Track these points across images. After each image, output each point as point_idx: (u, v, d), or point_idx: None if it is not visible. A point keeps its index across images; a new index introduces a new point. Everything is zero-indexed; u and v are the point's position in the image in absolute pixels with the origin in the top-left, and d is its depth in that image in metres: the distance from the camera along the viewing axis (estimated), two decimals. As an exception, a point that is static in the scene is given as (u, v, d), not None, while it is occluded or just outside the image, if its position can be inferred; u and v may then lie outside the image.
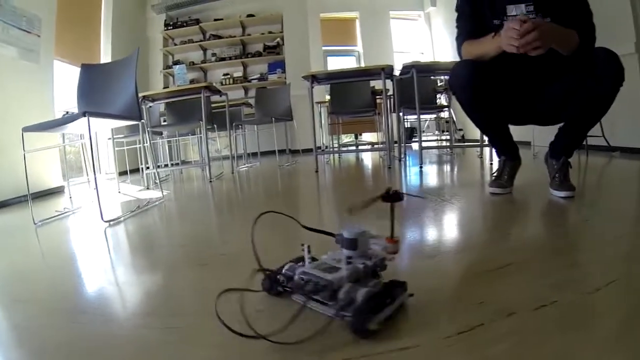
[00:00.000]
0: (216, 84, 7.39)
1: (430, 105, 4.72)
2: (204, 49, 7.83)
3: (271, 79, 7.57)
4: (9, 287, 1.22)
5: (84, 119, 2.07)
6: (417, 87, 3.57)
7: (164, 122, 4.93)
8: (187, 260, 1.35)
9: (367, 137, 8.11)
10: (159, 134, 5.00)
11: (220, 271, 1.19)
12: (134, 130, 4.27)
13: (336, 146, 6.30)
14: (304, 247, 0.86)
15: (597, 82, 1.60)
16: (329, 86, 5.19)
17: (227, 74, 7.66)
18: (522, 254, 1.11)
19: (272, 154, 5.95)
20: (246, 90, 7.74)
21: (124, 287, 1.12)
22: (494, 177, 2.08)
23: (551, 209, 1.74)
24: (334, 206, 2.23)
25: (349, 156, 5.79)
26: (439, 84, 5.24)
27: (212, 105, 4.79)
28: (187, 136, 5.72)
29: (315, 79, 3.76)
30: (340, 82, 4.39)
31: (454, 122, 5.86)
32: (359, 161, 5.00)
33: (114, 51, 6.25)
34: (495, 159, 2.15)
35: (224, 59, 7.64)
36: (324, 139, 6.66)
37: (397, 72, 4.04)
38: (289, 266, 0.86)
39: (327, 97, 6.03)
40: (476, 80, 1.81)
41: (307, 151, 6.23)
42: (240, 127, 5.72)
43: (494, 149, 2.16)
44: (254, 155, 6.01)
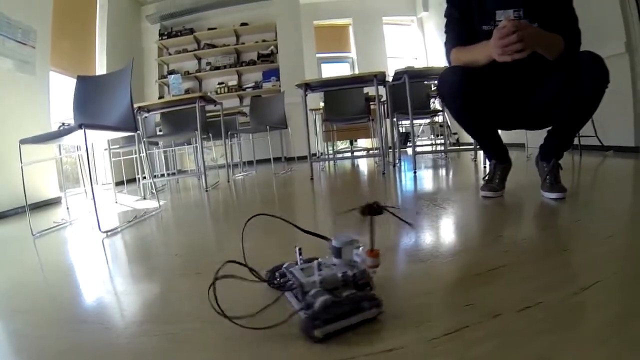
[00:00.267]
0: (211, 93, 7.44)
1: (423, 110, 4.76)
2: (199, 58, 7.88)
3: (266, 87, 7.61)
4: (8, 298, 1.23)
5: (81, 131, 2.10)
6: (411, 92, 3.61)
7: (160, 131, 4.95)
8: (184, 269, 1.37)
9: (362, 143, 8.15)
10: (155, 144, 5.02)
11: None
12: (130, 140, 4.29)
13: (331, 152, 6.33)
14: (296, 249, 0.90)
15: (583, 86, 1.64)
16: (323, 93, 5.23)
17: (222, 83, 7.70)
18: (512, 256, 1.13)
19: (268, 162, 5.97)
20: (241, 98, 7.78)
21: (122, 297, 1.13)
22: (485, 180, 2.10)
23: (543, 210, 1.76)
24: (328, 213, 2.25)
25: (345, 162, 5.82)
26: (433, 89, 5.28)
27: (207, 114, 4.82)
28: (183, 146, 5.74)
29: (308, 87, 3.79)
30: (333, 89, 4.42)
31: (448, 126, 5.90)
32: (354, 167, 5.03)
33: (109, 61, 6.30)
34: (488, 162, 2.19)
35: (218, 68, 7.69)
36: (319, 146, 6.70)
37: (390, 78, 4.08)
38: (288, 264, 0.91)
39: (321, 104, 6.07)
40: (465, 87, 1.83)
41: (302, 158, 6.26)
42: (235, 135, 5.74)
43: (484, 153, 2.18)
44: (250, 163, 6.04)
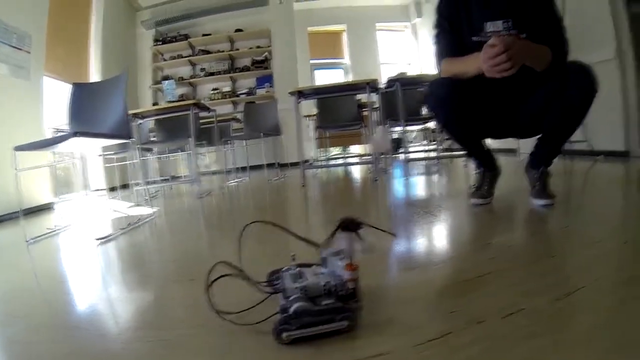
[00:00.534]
0: (205, 99, 7.46)
1: (416, 116, 4.80)
2: (193, 64, 7.90)
3: (259, 93, 7.63)
4: (3, 304, 1.24)
5: (75, 138, 2.12)
6: (403, 99, 3.66)
7: (154, 137, 4.96)
8: (177, 275, 1.38)
9: (355, 149, 8.18)
10: (149, 150, 5.02)
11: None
12: (124, 146, 4.28)
13: (324, 158, 6.36)
14: (291, 256, 0.93)
15: (572, 95, 1.66)
16: (316, 100, 5.26)
17: (216, 89, 7.72)
18: (499, 263, 1.14)
19: (262, 167, 5.99)
20: (235, 104, 7.79)
21: (116, 303, 1.15)
22: (474, 188, 2.12)
23: (531, 217, 1.79)
24: (319, 221, 2.29)
25: (337, 169, 5.85)
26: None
27: (201, 120, 4.83)
28: (177, 152, 5.75)
29: (301, 94, 3.81)
30: (326, 97, 4.46)
31: (441, 131, 5.94)
32: (346, 174, 5.06)
33: (103, 67, 6.30)
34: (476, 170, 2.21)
35: (212, 74, 7.71)
36: (313, 152, 6.72)
37: (384, 84, 4.12)
38: (286, 268, 0.93)
39: (315, 111, 6.11)
40: (451, 99, 1.86)
41: (296, 164, 6.27)
42: (229, 142, 5.76)
43: (473, 161, 2.20)
44: (243, 169, 6.05)
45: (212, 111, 4.40)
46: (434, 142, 6.02)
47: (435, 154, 5.44)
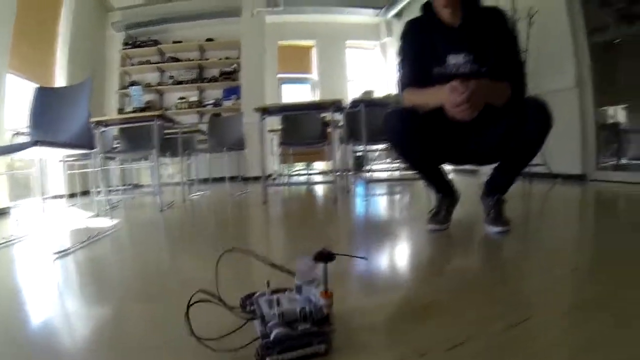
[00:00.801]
0: (171, 108, 7.45)
1: (379, 136, 4.91)
2: (162, 71, 7.87)
3: (226, 105, 7.66)
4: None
5: (36, 148, 2.11)
6: (367, 119, 3.79)
7: (118, 144, 4.91)
8: (137, 293, 1.39)
9: (319, 165, 8.26)
10: (112, 158, 4.98)
11: (169, 303, 1.22)
12: (87, 153, 4.25)
13: (287, 174, 6.43)
14: (266, 282, 0.96)
15: (529, 130, 1.74)
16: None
17: (183, 98, 7.70)
18: (452, 290, 1.18)
19: (225, 180, 6.02)
20: (201, 115, 7.78)
21: (73, 320, 1.14)
22: (432, 213, 2.13)
23: (487, 243, 1.85)
24: (280, 241, 2.35)
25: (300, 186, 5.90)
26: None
27: (166, 131, 4.83)
28: (140, 161, 5.70)
29: (266, 111, 3.87)
30: (291, 114, 4.55)
31: (397, 160, 6.09)
32: (308, 191, 5.14)
33: (70, 66, 6.20)
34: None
35: (180, 83, 7.70)
36: (276, 166, 6.78)
37: (349, 104, 4.20)
38: (259, 293, 0.97)
39: (280, 125, 6.17)
40: (410, 130, 1.89)
41: (259, 178, 6.33)
42: (192, 154, 5.77)
43: (430, 188, 2.20)
44: (206, 181, 6.06)
45: (177, 124, 4.41)
46: (397, 161, 6.17)
47: (398, 173, 5.56)
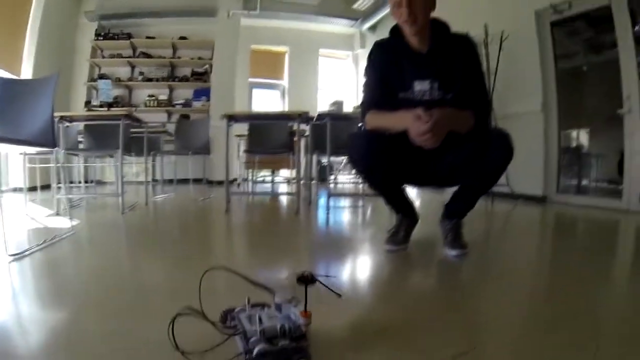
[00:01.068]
0: (140, 105, 7.41)
1: (344, 150, 5.03)
2: (132, 66, 7.80)
3: (195, 106, 7.67)
4: None
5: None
6: (333, 131, 3.90)
7: (82, 139, 4.87)
8: (95, 298, 1.40)
9: (284, 173, 8.32)
10: (75, 154, 4.95)
11: (128, 310, 1.24)
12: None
13: (251, 180, 6.56)
14: (246, 299, 1.03)
15: (492, 159, 1.80)
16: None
17: (153, 96, 7.66)
18: (404, 316, 1.19)
19: (189, 181, 6.06)
20: (169, 114, 7.76)
21: (28, 325, 1.15)
22: (390, 233, 2.14)
23: (443, 267, 1.90)
24: (241, 252, 2.42)
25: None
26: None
27: (132, 130, 4.82)
28: (104, 157, 5.66)
29: (233, 118, 3.94)
30: (258, 122, 4.64)
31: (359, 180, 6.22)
32: (272, 200, 5.23)
33: (37, 54, 6.09)
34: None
35: (151, 80, 7.65)
36: (241, 171, 6.86)
37: (316, 115, 4.31)
38: (239, 309, 1.04)
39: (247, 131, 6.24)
40: (373, 153, 1.89)
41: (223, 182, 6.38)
42: (158, 155, 5.78)
43: (391, 208, 2.19)
44: (171, 182, 6.06)
45: (144, 124, 4.43)
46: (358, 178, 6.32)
47: (360, 187, 5.68)
